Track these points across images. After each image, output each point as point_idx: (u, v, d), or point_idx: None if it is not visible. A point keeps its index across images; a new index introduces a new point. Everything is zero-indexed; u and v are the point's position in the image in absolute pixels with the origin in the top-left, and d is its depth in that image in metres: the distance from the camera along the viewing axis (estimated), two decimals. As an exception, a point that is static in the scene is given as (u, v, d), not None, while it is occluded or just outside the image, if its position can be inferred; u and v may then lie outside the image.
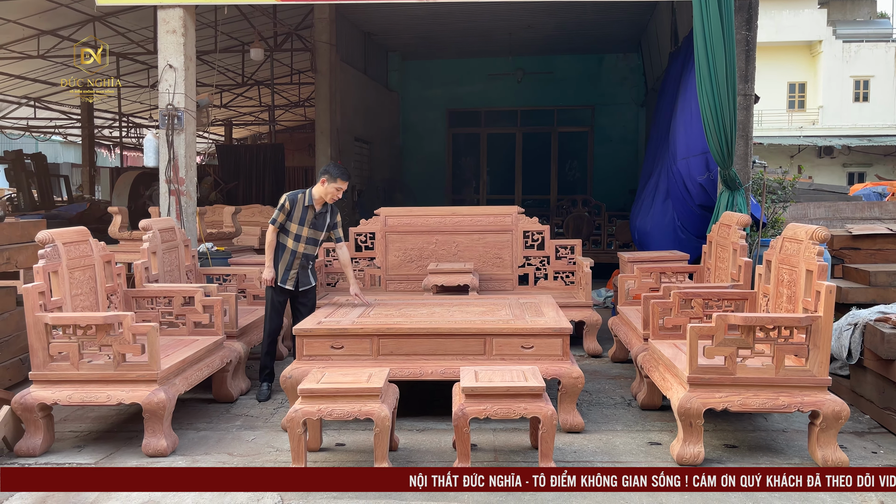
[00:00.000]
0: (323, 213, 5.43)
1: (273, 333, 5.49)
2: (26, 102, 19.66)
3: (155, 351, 4.25)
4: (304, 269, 5.45)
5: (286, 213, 5.32)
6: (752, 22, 6.79)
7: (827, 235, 4.14)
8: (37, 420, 4.27)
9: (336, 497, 3.67)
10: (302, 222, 5.34)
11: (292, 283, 5.42)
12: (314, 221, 5.38)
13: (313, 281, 5.57)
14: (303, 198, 5.35)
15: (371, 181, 15.46)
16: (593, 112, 17.41)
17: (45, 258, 4.39)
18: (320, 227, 5.44)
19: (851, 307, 5.45)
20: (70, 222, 11.25)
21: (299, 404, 3.90)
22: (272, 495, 3.72)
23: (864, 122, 27.28)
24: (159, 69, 7.04)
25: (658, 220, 8.86)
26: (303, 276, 5.46)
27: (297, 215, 5.33)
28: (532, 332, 4.59)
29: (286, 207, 5.31)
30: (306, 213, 5.34)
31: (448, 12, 12.64)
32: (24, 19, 13.00)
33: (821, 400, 3.97)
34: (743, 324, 4.03)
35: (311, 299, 5.57)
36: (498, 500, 3.62)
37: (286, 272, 5.40)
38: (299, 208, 5.33)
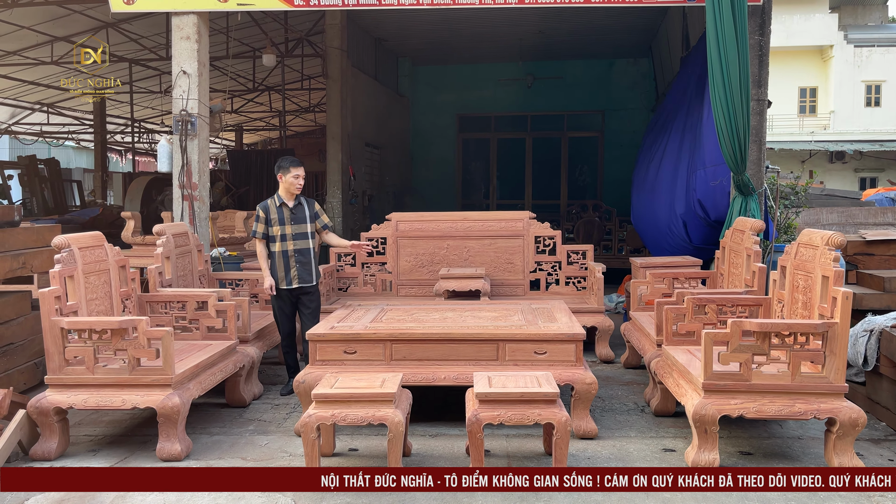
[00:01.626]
0: (298, 205, 5.56)
1: (288, 336, 5.64)
2: (40, 108, 19.82)
3: (169, 355, 4.27)
4: (303, 265, 5.52)
5: (264, 221, 5.49)
6: (765, 27, 6.76)
7: (843, 241, 4.11)
8: (52, 424, 4.29)
9: (355, 497, 3.67)
10: (282, 222, 5.48)
11: (296, 281, 5.50)
12: (293, 216, 5.51)
13: (315, 279, 5.61)
14: (272, 201, 5.53)
15: (382, 186, 15.49)
16: (604, 117, 17.39)
17: (61, 263, 4.42)
18: (302, 220, 5.55)
19: (866, 313, 5.41)
20: (83, 227, 11.33)
21: (313, 409, 3.90)
22: (286, 496, 3.73)
23: (875, 127, 27.12)
24: (173, 75, 7.08)
25: (655, 219, 8.95)
26: (303, 272, 5.52)
27: (274, 218, 5.48)
28: (545, 338, 4.57)
29: (262, 216, 5.49)
30: (282, 213, 5.49)
31: (459, 18, 12.66)
32: (38, 25, 13.11)
33: (837, 407, 3.94)
34: (758, 330, 4.01)
35: (314, 300, 5.63)
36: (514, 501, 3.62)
37: (286, 273, 5.49)
38: (274, 211, 5.49)
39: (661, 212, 8.91)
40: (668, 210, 8.63)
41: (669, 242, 8.56)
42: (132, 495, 3.79)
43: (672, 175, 8.71)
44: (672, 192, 8.60)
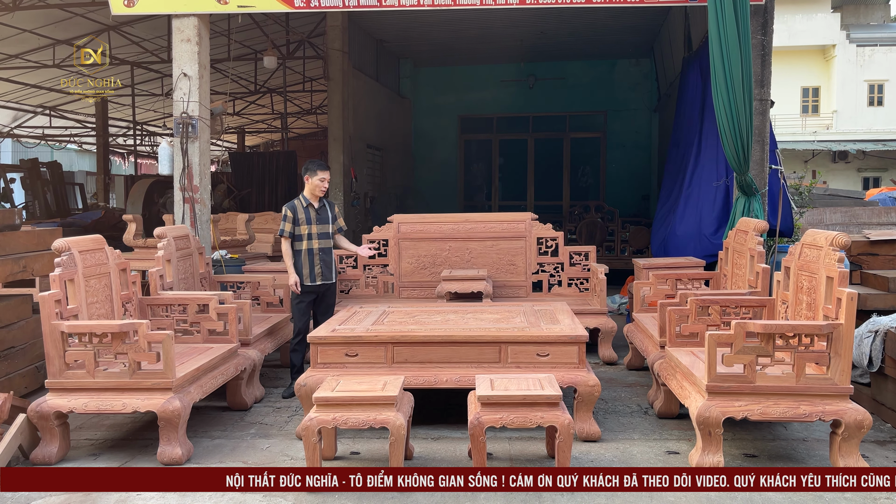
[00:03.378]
0: (322, 206, 5.84)
1: (301, 332, 5.72)
2: (42, 111, 19.84)
3: (170, 359, 4.25)
4: (326, 263, 5.81)
5: (292, 221, 5.71)
6: (767, 26, 6.74)
7: (847, 241, 4.08)
8: (52, 428, 4.27)
9: (358, 498, 3.66)
10: (309, 222, 5.75)
11: (320, 278, 5.77)
12: (318, 217, 5.80)
13: (334, 276, 5.91)
14: (299, 202, 5.77)
15: (384, 188, 15.47)
16: (605, 118, 17.35)
17: (61, 266, 4.40)
18: (326, 221, 5.85)
19: (870, 314, 5.37)
20: (85, 230, 11.31)
21: (314, 412, 3.88)
22: (287, 496, 3.71)
23: (878, 127, 27.05)
24: (174, 77, 7.07)
25: (689, 226, 8.48)
26: (326, 269, 5.80)
27: (302, 218, 5.73)
28: (548, 340, 4.55)
29: (290, 216, 5.72)
30: (309, 213, 5.75)
31: (460, 19, 12.64)
32: (40, 29, 13.12)
33: (843, 409, 3.91)
34: (762, 331, 3.98)
35: (330, 297, 5.92)
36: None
37: (311, 270, 5.74)
38: (301, 211, 5.73)
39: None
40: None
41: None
42: (134, 496, 3.78)
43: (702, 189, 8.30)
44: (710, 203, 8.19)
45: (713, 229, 7.55)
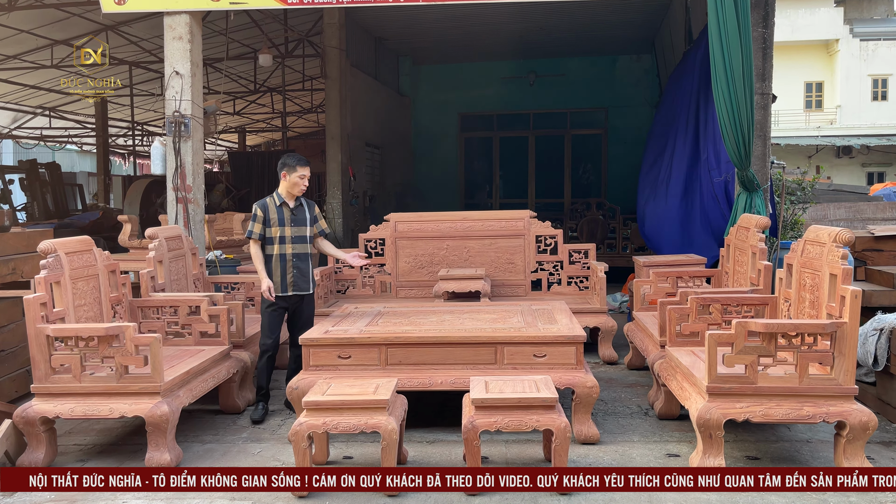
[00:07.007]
0: (299, 206, 5.16)
1: (270, 348, 5.10)
2: (41, 112, 19.78)
3: (158, 362, 4.16)
4: (301, 271, 5.12)
5: (262, 221, 5.06)
6: (768, 18, 6.62)
7: (851, 238, 3.97)
8: (39, 434, 4.19)
9: (353, 497, 3.58)
10: (282, 223, 5.07)
11: (292, 288, 5.10)
12: (293, 218, 5.11)
13: (311, 287, 5.22)
14: (272, 200, 5.12)
15: (383, 187, 15.37)
16: (607, 114, 17.23)
17: (46, 269, 4.32)
18: (302, 223, 5.15)
19: (875, 311, 5.25)
20: (83, 231, 11.23)
21: (304, 417, 3.79)
22: (283, 496, 3.64)
23: (882, 121, 26.86)
24: (166, 76, 6.98)
25: (671, 217, 8.57)
26: (300, 279, 5.12)
27: (273, 218, 5.07)
28: (545, 341, 4.45)
29: (259, 215, 5.06)
30: (282, 213, 5.08)
31: (459, 15, 12.53)
32: (37, 29, 13.03)
33: (847, 410, 3.80)
34: (764, 330, 3.87)
35: (308, 309, 5.24)
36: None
37: (283, 278, 5.08)
38: (273, 211, 5.07)
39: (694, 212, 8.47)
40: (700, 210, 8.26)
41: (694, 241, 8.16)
42: (122, 495, 3.71)
43: (692, 175, 8.37)
44: (698, 192, 8.28)
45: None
